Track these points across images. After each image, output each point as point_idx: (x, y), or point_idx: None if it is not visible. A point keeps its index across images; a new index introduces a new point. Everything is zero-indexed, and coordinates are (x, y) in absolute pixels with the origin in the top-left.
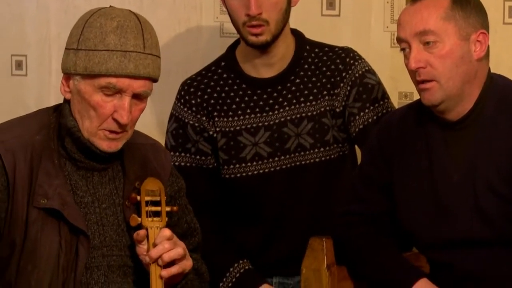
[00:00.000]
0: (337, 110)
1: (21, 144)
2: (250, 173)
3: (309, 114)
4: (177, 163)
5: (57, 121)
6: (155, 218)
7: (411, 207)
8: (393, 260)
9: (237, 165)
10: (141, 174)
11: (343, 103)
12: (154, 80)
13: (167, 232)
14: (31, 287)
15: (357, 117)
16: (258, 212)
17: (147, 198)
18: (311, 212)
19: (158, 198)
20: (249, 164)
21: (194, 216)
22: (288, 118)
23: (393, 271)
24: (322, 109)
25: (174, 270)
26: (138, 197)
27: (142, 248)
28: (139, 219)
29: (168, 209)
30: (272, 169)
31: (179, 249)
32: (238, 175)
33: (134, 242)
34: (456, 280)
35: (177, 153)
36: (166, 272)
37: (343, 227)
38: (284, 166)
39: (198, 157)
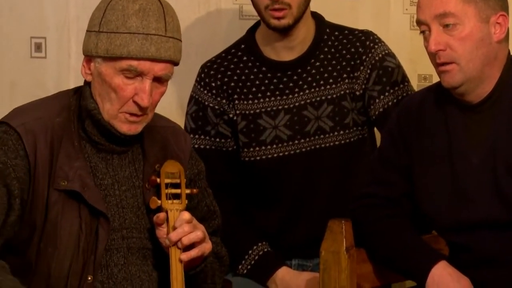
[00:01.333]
0: (357, 93)
1: (42, 126)
2: (269, 156)
3: (329, 97)
4: (196, 146)
5: (78, 104)
6: (175, 201)
7: (430, 190)
8: (412, 242)
9: (257, 148)
10: (161, 156)
11: (363, 86)
12: (175, 63)
13: (186, 215)
14: (51, 268)
15: (377, 100)
16: (277, 195)
17: (167, 181)
18: (330, 194)
19: (178, 181)
20: (268, 147)
21: (214, 199)
22: (308, 101)
23: (412, 253)
24: (342, 92)
25: (193, 253)
26: (158, 180)
27: (162, 231)
28: (159, 201)
29: (188, 191)
30: (291, 152)
31: (199, 232)
32: (258, 158)
33: (153, 225)
34: (475, 263)
35: (197, 136)
36: (185, 256)
37: (362, 210)
38: (303, 149)
39: (217, 139)
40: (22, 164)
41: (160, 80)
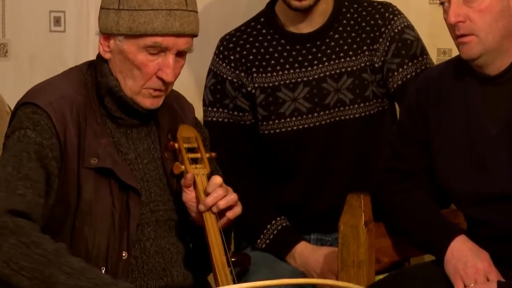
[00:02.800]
0: (376, 65)
1: (68, 104)
2: (289, 129)
3: (349, 69)
4: (214, 119)
5: (94, 80)
6: (197, 165)
7: (449, 163)
8: (431, 217)
9: (276, 121)
10: (172, 125)
11: (382, 59)
12: (196, 36)
13: (218, 179)
14: (89, 247)
15: (395, 73)
16: (296, 168)
17: (185, 145)
18: (350, 167)
19: (195, 145)
20: (288, 119)
21: (230, 174)
22: (328, 73)
23: (431, 228)
24: (362, 64)
25: (231, 216)
26: (176, 145)
27: (190, 195)
28: (182, 166)
29: (207, 155)
30: (311, 124)
31: (233, 195)
32: (277, 130)
33: (175, 196)
34: (493, 237)
35: (215, 109)
36: (230, 216)
37: (381, 184)
38: (323, 122)
39: (236, 113)
40: (57, 143)
41: (181, 54)
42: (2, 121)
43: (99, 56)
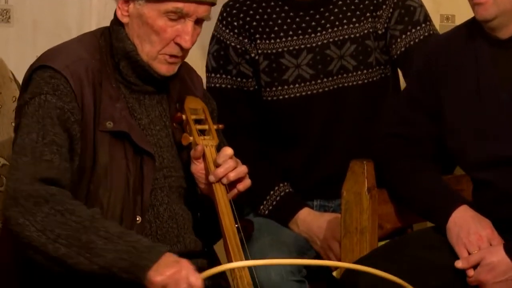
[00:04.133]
0: (379, 32)
1: (84, 68)
2: (292, 95)
3: (352, 36)
4: (217, 85)
5: (108, 45)
6: (205, 137)
7: (457, 125)
8: (434, 185)
9: (279, 88)
10: (181, 96)
11: (385, 25)
12: (214, 4)
13: (229, 150)
14: (103, 211)
15: (398, 40)
16: (300, 135)
17: (192, 117)
18: (353, 134)
19: (202, 117)
20: (291, 86)
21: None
22: (331, 40)
23: (434, 197)
24: (366, 31)
25: (241, 188)
26: (184, 116)
27: (198, 166)
28: (191, 138)
29: (215, 127)
30: (314, 91)
31: (243, 167)
32: (280, 97)
33: (185, 164)
34: (499, 200)
35: (218, 75)
36: (240, 189)
37: (386, 150)
38: (326, 89)
39: (239, 79)
40: (77, 106)
41: (199, 22)
42: (5, 87)
43: (115, 20)
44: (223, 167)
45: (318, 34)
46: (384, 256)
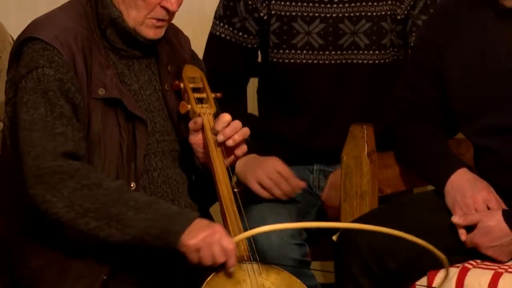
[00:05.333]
0: (398, 17)
1: (73, 37)
2: (298, 61)
3: (369, 14)
4: (218, 33)
5: (94, 13)
6: (203, 105)
7: (461, 92)
8: (436, 149)
9: (287, 51)
10: (172, 57)
11: (406, 12)
12: None
13: (227, 116)
14: None
15: None
16: (303, 103)
17: (190, 85)
18: (357, 112)
19: (200, 85)
20: (299, 51)
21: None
22: (346, 14)
23: (434, 160)
24: (383, 12)
25: (239, 153)
26: (182, 84)
27: (197, 137)
28: (189, 106)
29: (213, 95)
30: (321, 61)
31: (245, 129)
32: (286, 60)
33: (177, 127)
34: (499, 166)
35: (221, 24)
36: (239, 154)
37: (393, 113)
38: (333, 61)
39: (240, 33)
40: (74, 75)
41: None
42: (5, 51)
43: None
44: (232, 126)
45: (334, 6)
46: (383, 217)
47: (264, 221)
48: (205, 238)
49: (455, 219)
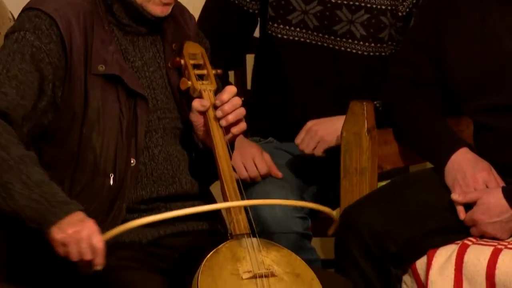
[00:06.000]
0: (400, 13)
1: (74, 11)
2: (291, 38)
3: (368, 6)
4: None
5: None
6: (204, 82)
7: (461, 71)
8: (436, 128)
9: (281, 26)
10: (177, 35)
11: (408, 9)
12: None
13: (233, 88)
14: (97, 156)
15: None
16: (296, 80)
17: (191, 62)
18: (350, 98)
19: (201, 62)
20: (292, 28)
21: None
22: (345, 2)
23: (435, 140)
24: (383, 6)
25: (236, 131)
26: (182, 61)
27: (198, 115)
28: (189, 82)
29: (214, 72)
30: (314, 42)
31: (240, 109)
32: (279, 35)
33: (180, 105)
34: (500, 144)
35: None
36: (235, 132)
37: (392, 91)
38: (326, 45)
39: None
40: (57, 49)
41: None
42: (5, 27)
43: None
44: (231, 102)
45: None
46: (384, 198)
47: (267, 195)
48: (73, 234)
49: (455, 196)
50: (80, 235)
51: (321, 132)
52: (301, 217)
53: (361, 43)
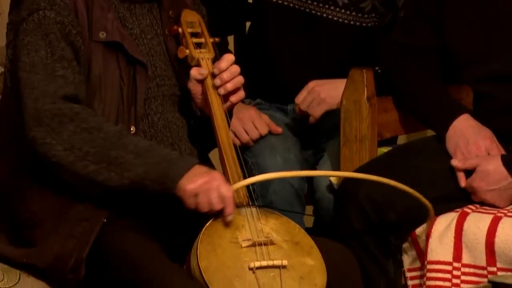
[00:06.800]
0: None
1: None
2: (275, 1)
3: None
4: None
5: None
6: (201, 50)
7: (462, 42)
8: (438, 94)
9: None
10: (172, 2)
11: None
12: None
13: (232, 56)
14: None
15: None
16: (282, 44)
17: (189, 30)
18: (333, 67)
19: (198, 30)
20: None
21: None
22: None
23: (436, 106)
24: None
25: (234, 99)
26: (180, 29)
27: (196, 84)
28: (187, 50)
29: (211, 40)
30: (296, 6)
31: (239, 77)
32: None
33: (177, 72)
34: (499, 112)
35: None
36: (234, 100)
37: (390, 58)
38: (309, 10)
39: None
40: (74, 18)
41: None
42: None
43: None
44: (229, 71)
45: None
46: (384, 166)
47: (272, 147)
48: (203, 184)
49: (455, 162)
50: (210, 185)
51: (323, 94)
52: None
53: (343, 11)
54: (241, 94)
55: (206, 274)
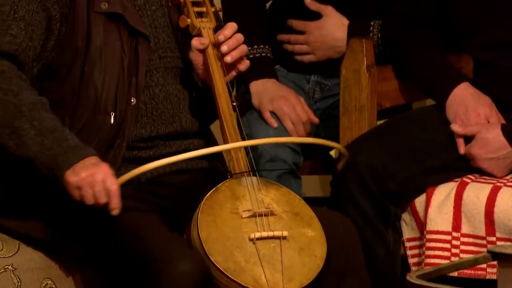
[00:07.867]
0: None
1: None
2: None
3: None
4: None
5: None
6: (203, 19)
7: (462, 9)
8: (438, 63)
9: None
10: None
11: None
12: None
13: (235, 24)
14: (98, 92)
15: None
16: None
17: None
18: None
19: None
20: None
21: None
22: None
23: (436, 74)
24: None
25: (242, 67)
26: None
27: (198, 54)
28: (188, 20)
29: (213, 9)
30: None
31: (243, 46)
32: None
33: (180, 44)
34: (499, 79)
35: None
36: (242, 68)
37: (391, 26)
38: None
39: None
40: None
41: None
42: None
43: None
44: (235, 38)
45: None
46: (383, 135)
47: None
48: (87, 177)
49: (455, 127)
50: (94, 178)
51: (319, 44)
52: (292, 149)
53: None
54: (247, 62)
55: (207, 245)
